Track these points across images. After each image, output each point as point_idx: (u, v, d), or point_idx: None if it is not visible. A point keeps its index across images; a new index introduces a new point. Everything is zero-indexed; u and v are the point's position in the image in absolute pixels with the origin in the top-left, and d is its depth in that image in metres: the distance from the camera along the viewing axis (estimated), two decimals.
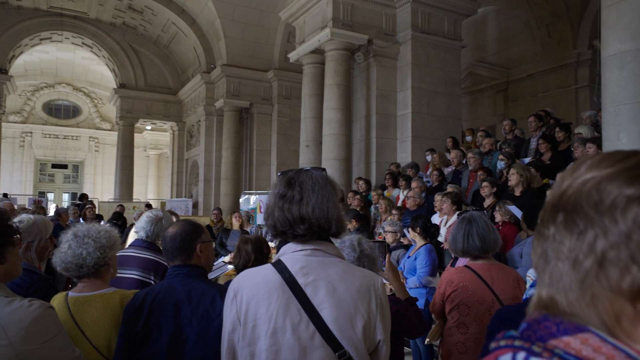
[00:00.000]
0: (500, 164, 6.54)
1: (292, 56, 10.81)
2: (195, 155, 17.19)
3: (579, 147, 5.97)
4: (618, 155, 0.51)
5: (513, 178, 5.42)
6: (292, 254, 1.43)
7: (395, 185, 8.15)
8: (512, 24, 13.86)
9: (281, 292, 1.37)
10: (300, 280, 1.37)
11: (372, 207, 7.97)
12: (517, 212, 4.79)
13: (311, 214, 1.41)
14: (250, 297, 1.38)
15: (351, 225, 6.52)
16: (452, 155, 7.75)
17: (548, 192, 4.60)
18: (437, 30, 9.89)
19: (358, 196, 7.87)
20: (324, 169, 1.55)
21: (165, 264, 2.74)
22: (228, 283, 1.61)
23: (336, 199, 1.49)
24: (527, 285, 2.35)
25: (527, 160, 6.70)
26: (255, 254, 2.72)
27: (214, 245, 7.63)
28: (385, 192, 8.15)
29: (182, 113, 18.39)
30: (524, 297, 2.35)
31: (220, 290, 1.92)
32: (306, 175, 1.48)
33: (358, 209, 7.44)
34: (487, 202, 5.71)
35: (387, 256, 2.62)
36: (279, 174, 1.56)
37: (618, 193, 0.47)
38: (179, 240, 2.02)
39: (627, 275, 0.46)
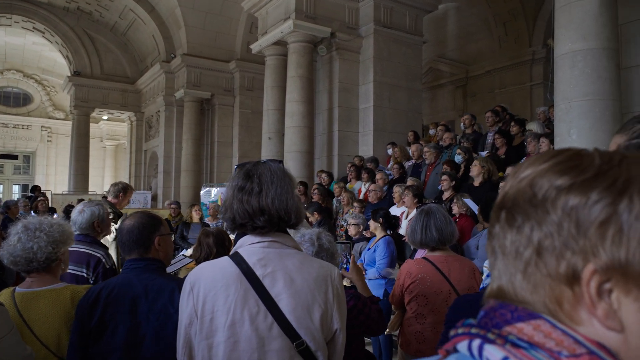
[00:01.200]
0: (458, 158, 6.70)
1: (255, 47, 10.69)
2: (154, 146, 16.77)
3: (531, 142, 6.19)
4: (553, 152, 0.54)
5: (475, 169, 5.56)
6: (249, 246, 1.44)
7: (358, 178, 8.23)
8: (471, 21, 14.17)
9: (239, 284, 1.37)
10: (259, 272, 1.38)
11: (335, 200, 8.02)
12: (473, 206, 4.92)
13: (271, 205, 1.42)
14: (208, 289, 1.37)
15: (313, 217, 6.54)
16: (413, 149, 7.88)
17: (501, 184, 4.76)
18: (399, 25, 10.00)
19: (318, 189, 7.90)
20: (280, 161, 1.56)
21: (100, 255, 2.68)
22: None
23: (294, 191, 1.51)
24: (484, 276, 2.43)
25: (483, 154, 6.90)
26: (216, 247, 2.69)
27: (173, 239, 7.56)
28: (348, 185, 8.21)
29: (141, 103, 17.88)
30: (481, 286, 2.42)
31: (178, 284, 1.88)
32: (264, 167, 1.49)
33: (319, 201, 7.46)
34: (446, 195, 5.84)
35: (351, 257, 2.65)
36: (235, 166, 1.56)
37: (549, 186, 0.50)
38: (136, 233, 1.97)
39: (562, 261, 0.49)
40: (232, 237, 2.91)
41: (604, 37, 5.25)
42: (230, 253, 1.48)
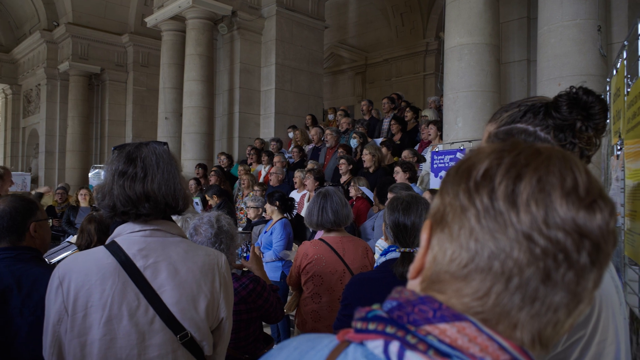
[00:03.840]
0: (354, 142, 6.94)
1: (150, 21, 10.07)
2: (34, 123, 15.19)
3: (425, 128, 6.58)
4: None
5: (367, 158, 5.80)
6: (129, 235, 1.35)
7: (259, 161, 8.18)
8: (371, 10, 14.60)
9: (117, 276, 1.28)
10: (139, 263, 1.30)
11: (237, 183, 7.91)
12: (369, 193, 5.14)
13: (157, 191, 1.34)
14: (80, 284, 1.26)
15: (212, 200, 6.40)
16: (312, 133, 8.00)
17: (396, 169, 5.01)
18: (302, 9, 10.00)
19: (213, 171, 7.75)
20: (165, 143, 1.47)
21: None
22: None
23: (180, 174, 1.43)
24: (377, 255, 2.54)
25: (379, 140, 7.21)
26: (98, 234, 2.48)
27: (60, 224, 6.96)
28: (250, 168, 8.14)
29: (18, 75, 16.05)
30: (375, 265, 2.54)
31: None
32: (148, 149, 1.39)
33: (218, 184, 7.31)
34: (344, 179, 6.03)
35: (251, 246, 2.63)
36: (113, 148, 1.44)
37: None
38: (7, 219, 1.78)
39: None
40: None
41: (487, 33, 5.69)
42: (107, 242, 1.37)
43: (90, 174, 10.56)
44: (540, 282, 0.47)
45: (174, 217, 1.48)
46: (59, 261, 4.01)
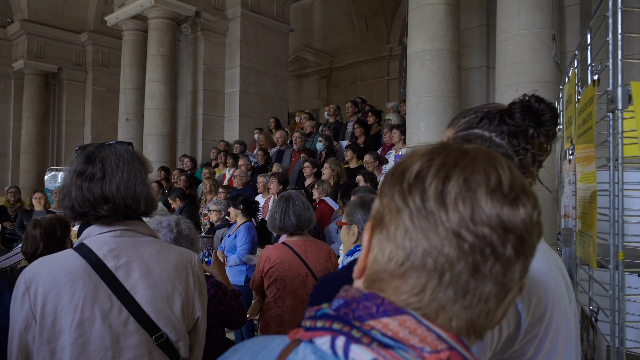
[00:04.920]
0: (319, 146, 6.95)
1: (110, 20, 9.82)
2: None
3: (387, 132, 6.67)
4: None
5: (326, 172, 5.80)
6: (98, 236, 1.31)
7: (224, 164, 8.09)
8: (336, 14, 14.71)
9: (87, 278, 1.24)
10: (110, 264, 1.27)
11: (200, 187, 7.80)
12: (334, 205, 5.15)
13: (115, 192, 1.30)
14: (49, 288, 1.22)
15: (175, 204, 6.29)
16: (277, 135, 7.97)
17: (358, 177, 5.04)
18: (267, 11, 9.97)
19: (184, 176, 7.60)
20: (130, 143, 1.43)
21: None
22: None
23: (145, 175, 1.40)
24: (341, 259, 2.55)
25: (345, 142, 7.25)
26: (44, 240, 2.34)
27: (13, 227, 6.67)
28: (216, 170, 8.04)
29: None
30: (340, 266, 2.54)
31: (8, 281, 1.66)
32: (109, 149, 1.35)
33: (184, 188, 7.18)
34: (308, 182, 6.03)
35: (213, 250, 2.59)
36: (76, 148, 1.40)
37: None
38: None
39: None
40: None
41: (448, 39, 5.83)
42: (75, 245, 1.33)
43: (46, 177, 10.18)
44: (470, 276, 0.50)
45: (144, 219, 1.45)
46: (8, 266, 3.83)
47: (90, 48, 13.03)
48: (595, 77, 1.65)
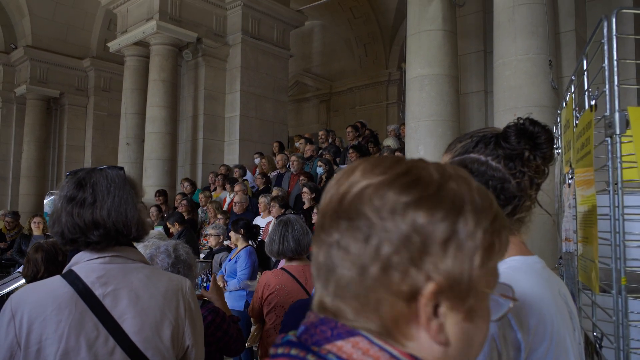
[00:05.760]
0: (320, 170, 6.96)
1: (113, 46, 9.95)
2: None
3: None
4: (387, 162, 0.53)
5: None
6: (87, 263, 1.29)
7: (224, 187, 8.08)
8: (335, 40, 14.93)
9: (74, 306, 1.22)
10: (98, 292, 1.25)
11: (200, 210, 7.78)
12: None
13: (107, 218, 1.29)
14: (34, 316, 1.19)
15: (174, 228, 6.27)
16: (278, 159, 8.00)
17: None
18: (267, 37, 10.13)
19: (185, 200, 7.59)
20: (121, 168, 1.42)
21: None
22: None
23: (136, 200, 1.38)
24: None
25: (344, 167, 7.25)
26: (46, 264, 2.34)
27: (10, 254, 6.62)
28: (213, 194, 8.03)
29: None
30: None
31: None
32: (100, 174, 1.34)
33: (185, 212, 7.16)
34: (307, 206, 6.02)
35: (212, 275, 2.57)
36: (67, 173, 1.39)
37: (396, 199, 0.49)
38: None
39: (407, 278, 0.48)
40: None
41: (446, 64, 5.90)
42: (64, 271, 1.31)
43: (45, 201, 10.15)
44: None
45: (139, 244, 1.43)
46: (8, 293, 3.79)
47: (92, 73, 13.17)
48: (593, 102, 1.66)
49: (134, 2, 9.48)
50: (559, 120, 2.80)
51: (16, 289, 3.77)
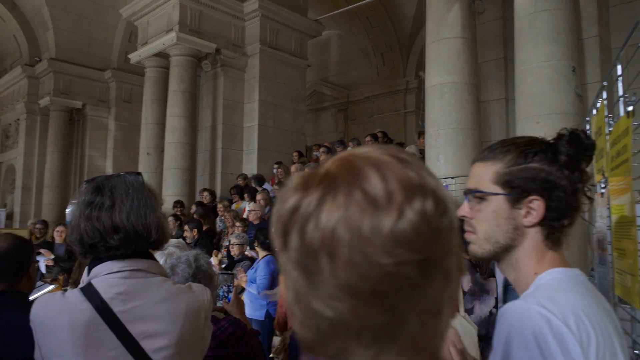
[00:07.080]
0: None
1: (134, 57, 10.12)
2: (12, 158, 14.89)
3: None
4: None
5: None
6: (106, 277, 1.25)
7: (242, 197, 8.11)
8: (352, 49, 14.95)
9: (92, 324, 1.18)
10: (117, 309, 1.21)
11: (218, 219, 7.81)
12: None
13: (126, 221, 1.25)
14: (51, 334, 1.16)
15: (190, 233, 6.33)
16: (292, 169, 7.99)
17: None
18: (285, 47, 10.18)
19: (200, 208, 7.64)
20: (139, 173, 1.39)
21: None
22: None
23: (155, 204, 1.34)
24: None
25: None
26: None
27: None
28: (234, 204, 8.06)
29: None
30: None
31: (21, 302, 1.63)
32: (118, 180, 1.31)
33: (201, 219, 7.20)
34: None
35: (233, 289, 2.54)
36: (84, 182, 1.37)
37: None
38: (12, 259, 1.64)
39: None
40: None
41: (465, 72, 5.84)
42: (82, 285, 1.27)
43: (67, 210, 10.34)
44: None
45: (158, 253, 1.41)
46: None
47: (113, 85, 13.41)
48: (630, 108, 1.60)
49: (154, 15, 9.63)
50: (588, 127, 2.72)
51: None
